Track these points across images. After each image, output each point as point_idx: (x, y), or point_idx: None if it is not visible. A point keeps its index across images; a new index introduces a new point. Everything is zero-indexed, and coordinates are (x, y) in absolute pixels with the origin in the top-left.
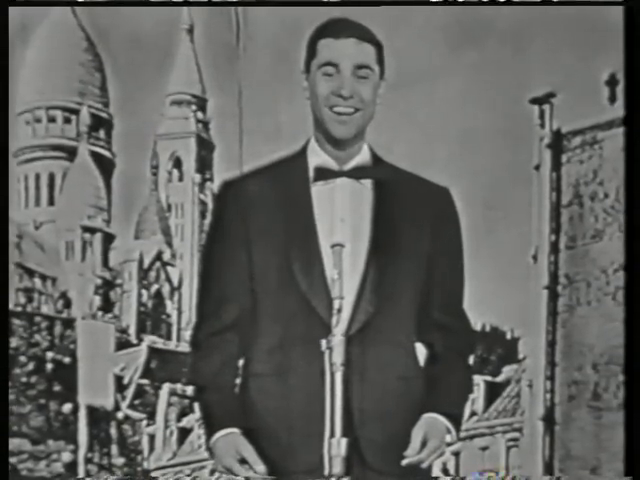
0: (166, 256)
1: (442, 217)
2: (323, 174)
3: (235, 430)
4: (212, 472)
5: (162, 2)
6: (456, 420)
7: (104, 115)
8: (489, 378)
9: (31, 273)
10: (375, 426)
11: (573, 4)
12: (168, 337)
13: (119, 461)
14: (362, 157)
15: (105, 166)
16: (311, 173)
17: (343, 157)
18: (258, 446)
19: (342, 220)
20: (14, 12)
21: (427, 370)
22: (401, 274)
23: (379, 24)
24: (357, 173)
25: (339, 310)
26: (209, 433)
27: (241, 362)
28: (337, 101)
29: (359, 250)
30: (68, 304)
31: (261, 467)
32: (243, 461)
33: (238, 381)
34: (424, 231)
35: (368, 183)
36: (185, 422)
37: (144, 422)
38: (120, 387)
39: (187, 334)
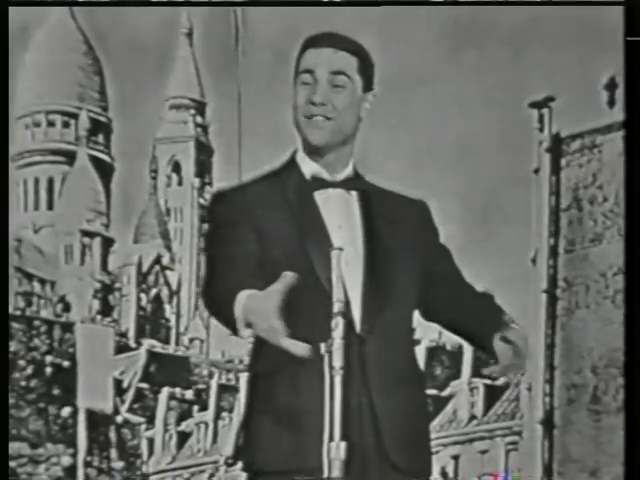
0: (165, 260)
1: (424, 228)
2: (319, 183)
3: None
4: (210, 476)
5: (161, 2)
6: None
7: (103, 119)
8: (488, 381)
9: (30, 277)
10: (376, 428)
11: (573, 4)
12: (167, 341)
13: (118, 465)
14: (349, 170)
15: (104, 170)
16: (309, 180)
17: (333, 168)
18: (258, 446)
19: (340, 227)
20: (14, 13)
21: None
22: (396, 279)
23: (378, 28)
24: (348, 184)
25: (338, 313)
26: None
27: (246, 360)
28: (310, 108)
29: (357, 256)
30: (67, 308)
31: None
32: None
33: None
34: (412, 241)
35: (355, 194)
36: (184, 426)
37: (143, 426)
38: (119, 391)
39: (186, 338)
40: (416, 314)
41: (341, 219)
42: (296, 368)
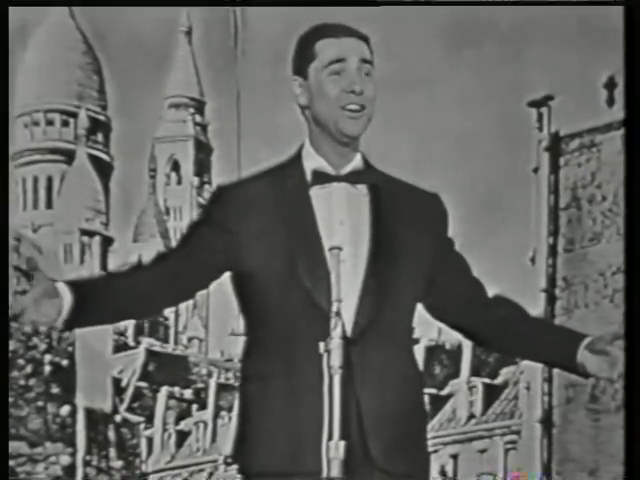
0: None
1: (437, 220)
2: (320, 178)
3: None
4: (210, 475)
5: (159, 2)
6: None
7: (102, 118)
8: (487, 380)
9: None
10: (375, 428)
11: (573, 4)
12: (166, 340)
13: (117, 464)
14: (356, 163)
15: (103, 169)
16: (309, 177)
17: (339, 162)
18: (257, 447)
19: (341, 223)
20: (13, 13)
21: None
22: (402, 276)
23: (377, 27)
24: (353, 178)
25: (337, 313)
26: None
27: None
28: (349, 97)
29: (360, 253)
30: None
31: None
32: None
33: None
34: (424, 234)
35: (363, 188)
36: (183, 425)
37: (142, 425)
38: (118, 390)
39: (185, 337)
40: (420, 312)
41: (343, 215)
42: (289, 369)
